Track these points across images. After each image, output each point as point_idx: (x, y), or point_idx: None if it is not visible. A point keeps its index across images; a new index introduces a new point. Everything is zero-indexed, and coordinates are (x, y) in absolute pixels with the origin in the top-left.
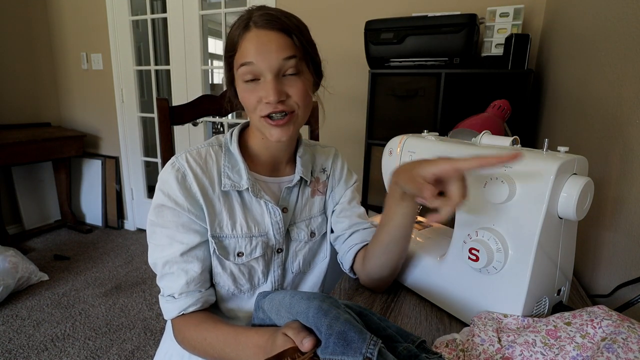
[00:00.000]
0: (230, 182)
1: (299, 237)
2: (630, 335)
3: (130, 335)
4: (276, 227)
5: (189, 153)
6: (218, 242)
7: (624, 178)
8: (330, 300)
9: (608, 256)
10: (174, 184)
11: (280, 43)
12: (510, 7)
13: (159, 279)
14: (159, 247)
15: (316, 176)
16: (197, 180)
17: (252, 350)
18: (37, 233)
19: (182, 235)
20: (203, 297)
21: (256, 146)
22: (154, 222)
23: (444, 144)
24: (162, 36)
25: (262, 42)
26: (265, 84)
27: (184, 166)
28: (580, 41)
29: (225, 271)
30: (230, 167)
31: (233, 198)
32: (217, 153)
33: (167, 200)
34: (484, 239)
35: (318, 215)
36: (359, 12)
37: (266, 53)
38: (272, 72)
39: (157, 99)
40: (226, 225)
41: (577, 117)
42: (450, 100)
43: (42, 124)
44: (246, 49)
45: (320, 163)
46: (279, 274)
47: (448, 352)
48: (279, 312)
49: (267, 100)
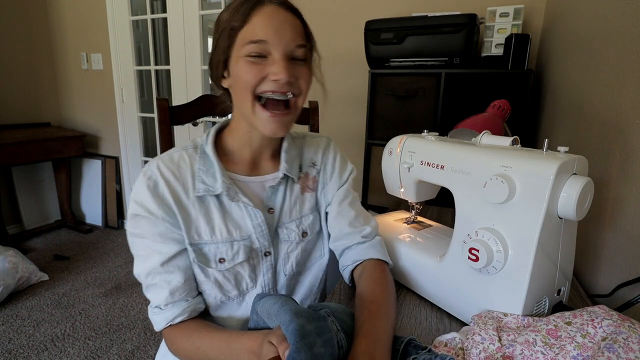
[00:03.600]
0: (204, 186)
1: (289, 238)
2: (630, 335)
3: (130, 335)
4: (258, 230)
5: (160, 159)
6: (197, 249)
7: (624, 178)
8: (319, 322)
9: (608, 256)
10: (145, 193)
11: (297, 28)
12: (510, 7)
13: (145, 290)
14: (140, 258)
15: (305, 171)
16: (169, 187)
17: (246, 356)
18: (37, 233)
19: (160, 245)
20: (190, 306)
21: (237, 143)
22: (131, 233)
23: (444, 143)
24: (162, 36)
25: (280, 21)
26: (275, 62)
27: (155, 174)
28: (580, 41)
29: (209, 279)
30: (205, 170)
31: (210, 202)
32: (192, 156)
33: (141, 210)
34: (484, 239)
35: (309, 213)
36: (359, 12)
37: (282, 34)
38: (284, 53)
39: (157, 99)
40: (204, 231)
41: (577, 117)
42: (450, 100)
43: (42, 124)
44: (260, 25)
45: (310, 157)
46: (269, 278)
47: (447, 350)
48: (270, 316)
49: (276, 77)
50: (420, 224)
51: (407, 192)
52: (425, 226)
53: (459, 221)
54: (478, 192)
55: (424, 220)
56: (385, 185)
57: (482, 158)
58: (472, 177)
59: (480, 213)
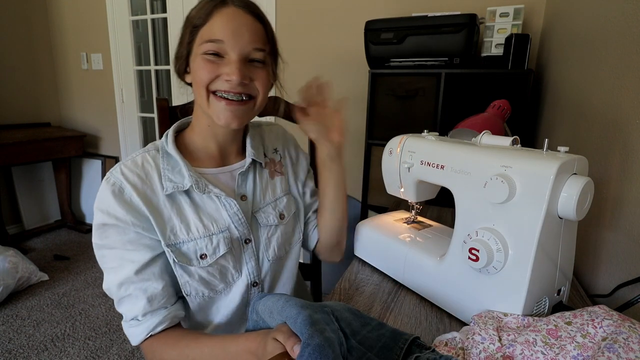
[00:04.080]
0: (172, 184)
1: (268, 222)
2: (631, 335)
3: None
4: (236, 219)
5: (123, 164)
6: (175, 249)
7: (624, 178)
8: (323, 315)
9: (608, 256)
10: (111, 200)
11: (256, 30)
12: (510, 7)
13: (118, 304)
14: (110, 270)
15: (270, 157)
16: (137, 190)
17: (245, 357)
18: (37, 233)
19: (132, 253)
20: (170, 313)
21: (201, 139)
22: (99, 245)
23: (444, 143)
24: (162, 36)
25: (238, 23)
26: (230, 62)
27: (119, 179)
28: (580, 41)
29: (193, 278)
30: (171, 168)
31: (181, 200)
32: (155, 158)
33: (108, 218)
34: (484, 239)
35: (283, 195)
36: (359, 12)
37: (239, 36)
38: (240, 55)
39: (157, 99)
40: (179, 230)
41: (577, 117)
42: (450, 100)
43: (42, 124)
44: (218, 25)
45: (271, 144)
46: (253, 266)
47: (447, 350)
48: (272, 314)
49: (228, 77)
50: (420, 224)
51: (407, 192)
52: (425, 226)
53: (459, 221)
54: (478, 192)
55: (424, 220)
56: (385, 185)
57: (482, 158)
58: (472, 177)
59: (481, 213)
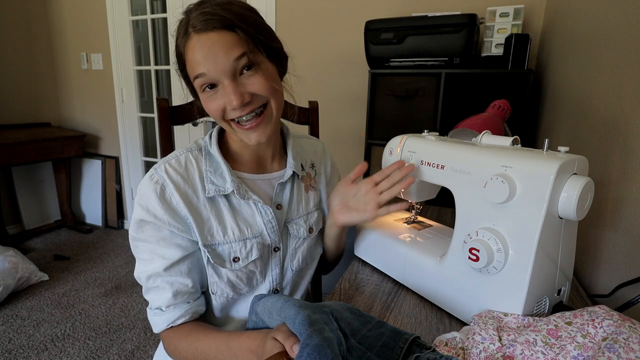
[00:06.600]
0: (214, 187)
1: (298, 234)
2: (631, 335)
3: (130, 335)
4: (269, 226)
5: (168, 163)
6: (211, 250)
7: (624, 178)
8: (322, 315)
9: (608, 256)
10: (152, 198)
11: (226, 42)
12: (510, 7)
13: (145, 292)
14: (142, 261)
15: (307, 171)
16: (179, 190)
17: (245, 355)
18: (37, 233)
19: (164, 249)
20: (192, 308)
21: (237, 146)
22: (134, 237)
23: (444, 143)
24: (162, 36)
25: (206, 48)
26: (224, 89)
27: (163, 178)
28: (580, 41)
29: (222, 279)
30: (213, 171)
31: (220, 203)
32: (197, 158)
33: (146, 215)
34: (484, 239)
35: (314, 210)
36: (359, 12)
37: (214, 59)
38: (227, 76)
39: (157, 99)
40: (217, 231)
41: (577, 117)
42: (450, 100)
43: (42, 124)
44: (193, 59)
45: (309, 158)
46: (277, 273)
47: (447, 350)
48: (271, 315)
49: (231, 106)
50: (420, 224)
51: (407, 192)
52: (425, 226)
53: (459, 221)
54: (478, 192)
55: (424, 220)
56: None
57: (482, 158)
58: (472, 177)
59: (481, 213)
